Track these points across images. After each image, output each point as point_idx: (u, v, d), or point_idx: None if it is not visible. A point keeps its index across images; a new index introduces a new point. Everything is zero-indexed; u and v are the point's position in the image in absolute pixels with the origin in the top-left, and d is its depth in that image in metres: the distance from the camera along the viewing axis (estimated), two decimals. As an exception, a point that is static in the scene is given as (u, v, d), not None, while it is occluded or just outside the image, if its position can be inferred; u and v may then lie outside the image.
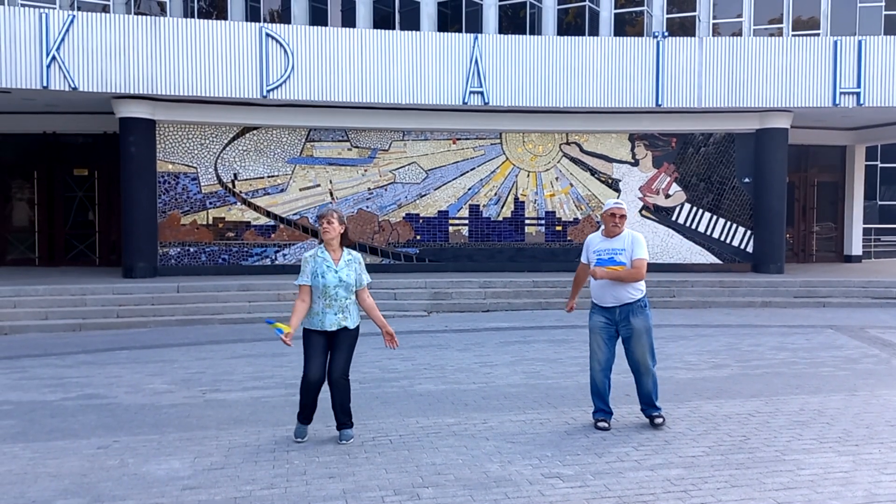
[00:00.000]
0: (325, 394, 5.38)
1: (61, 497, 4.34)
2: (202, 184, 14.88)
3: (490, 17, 19.51)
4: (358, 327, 5.38)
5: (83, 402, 6.66)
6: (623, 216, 5.63)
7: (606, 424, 5.63)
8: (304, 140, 15.29)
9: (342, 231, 5.26)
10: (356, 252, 5.42)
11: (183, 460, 4.97)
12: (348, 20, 18.96)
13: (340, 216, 5.28)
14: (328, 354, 5.32)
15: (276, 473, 4.71)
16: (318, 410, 5.72)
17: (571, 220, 16.14)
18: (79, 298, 12.32)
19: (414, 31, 15.70)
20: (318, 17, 18.70)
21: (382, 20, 19.05)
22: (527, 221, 16.09)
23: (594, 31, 19.68)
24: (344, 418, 5.40)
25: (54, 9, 13.13)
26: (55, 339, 10.59)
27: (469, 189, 15.86)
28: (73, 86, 13.08)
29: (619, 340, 5.77)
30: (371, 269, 15.97)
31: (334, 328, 5.24)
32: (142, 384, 7.37)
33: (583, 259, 5.90)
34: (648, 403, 5.76)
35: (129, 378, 7.68)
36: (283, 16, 18.70)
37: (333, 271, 5.19)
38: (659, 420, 5.68)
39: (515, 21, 19.69)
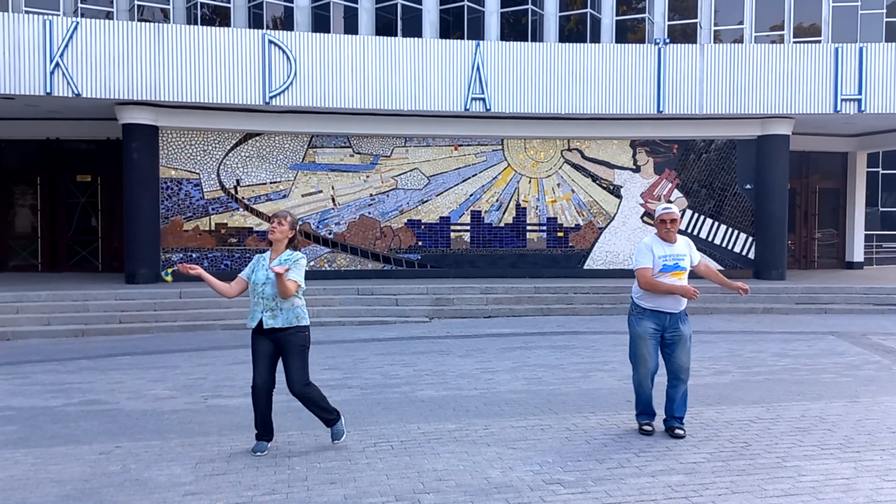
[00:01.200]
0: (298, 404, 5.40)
1: (63, 503, 4.35)
2: (205, 190, 14.91)
3: (492, 24, 19.58)
4: (301, 330, 5.27)
5: (85, 407, 6.67)
6: (674, 220, 5.62)
7: (651, 427, 5.68)
8: (306, 146, 15.33)
9: (291, 235, 5.32)
10: (299, 254, 5.35)
11: (185, 466, 4.98)
12: (351, 27, 19.03)
13: (293, 221, 5.35)
14: (273, 361, 5.32)
15: (277, 479, 4.72)
16: (312, 418, 5.73)
17: (573, 226, 16.14)
18: (81, 304, 12.34)
19: (416, 38, 15.74)
20: (320, 24, 18.77)
21: (384, 27, 19.12)
22: (528, 227, 16.10)
23: (596, 38, 19.74)
24: (326, 416, 5.39)
25: (58, 15, 13.23)
26: (57, 345, 10.60)
27: (471, 195, 15.88)
28: (76, 92, 13.13)
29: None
30: (373, 275, 16.02)
31: (263, 326, 5.24)
32: (143, 390, 7.38)
33: (646, 263, 5.61)
34: (675, 415, 5.69)
35: (130, 384, 7.69)
36: (286, 23, 18.77)
37: (264, 269, 5.26)
38: (680, 432, 5.60)
39: (517, 28, 19.75)
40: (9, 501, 4.37)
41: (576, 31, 19.89)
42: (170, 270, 5.44)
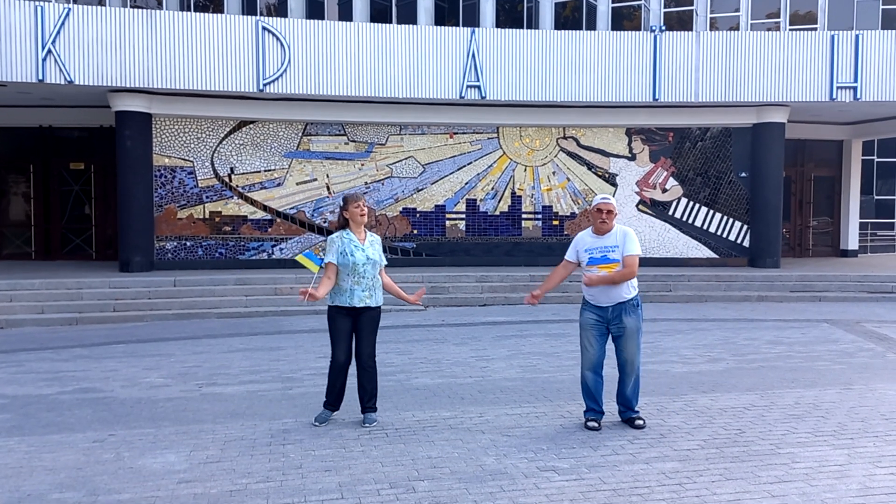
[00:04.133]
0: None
1: (57, 490, 4.34)
2: (199, 178, 14.84)
3: (487, 10, 19.48)
4: (380, 308, 5.62)
5: (79, 395, 6.66)
6: (610, 212, 5.44)
7: (596, 425, 5.49)
8: (300, 134, 15.26)
9: None
10: (376, 235, 5.78)
11: (179, 454, 4.98)
12: (345, 14, 18.92)
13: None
14: (353, 337, 5.57)
15: (272, 467, 4.71)
16: (314, 404, 5.74)
17: (568, 214, 16.13)
18: (75, 292, 12.30)
19: (411, 25, 15.65)
20: (314, 10, 18.66)
21: (379, 14, 19.02)
22: (524, 216, 16.08)
23: (591, 26, 19.66)
24: (371, 402, 5.64)
25: (50, 1, 13.11)
26: (51, 333, 10.57)
27: (466, 183, 15.85)
28: (68, 79, 13.03)
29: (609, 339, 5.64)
30: (368, 263, 15.83)
31: (361, 305, 5.48)
32: (138, 378, 7.37)
33: (569, 257, 5.65)
34: (626, 406, 5.62)
35: (125, 372, 7.67)
36: (280, 9, 18.66)
37: (361, 249, 5.46)
38: (640, 422, 5.52)
39: (513, 15, 19.65)
40: (2, 489, 4.36)
41: (571, 18, 19.80)
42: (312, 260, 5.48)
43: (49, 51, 12.87)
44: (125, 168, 14.12)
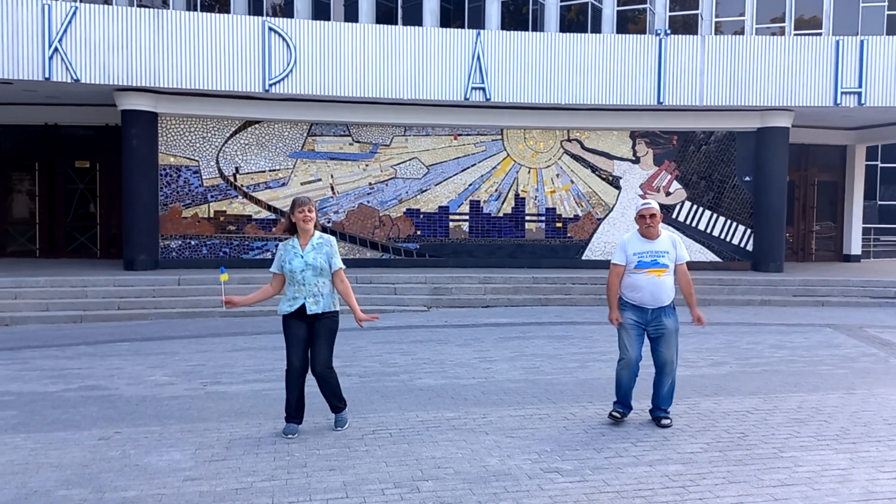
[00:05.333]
0: (314, 387, 5.43)
1: (63, 487, 4.36)
2: (204, 177, 14.89)
3: (492, 13, 19.51)
4: (334, 315, 5.39)
5: (84, 393, 6.69)
6: (654, 215, 5.59)
7: (620, 416, 5.66)
8: (305, 134, 15.29)
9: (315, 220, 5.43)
10: (329, 235, 5.45)
11: (184, 452, 5.00)
12: (351, 15, 18.97)
13: (315, 206, 5.45)
14: (308, 344, 5.40)
15: (276, 465, 4.74)
16: (318, 403, 5.76)
17: (572, 216, 16.14)
18: (80, 290, 12.34)
19: (416, 27, 15.68)
20: (320, 11, 18.71)
21: (385, 15, 19.07)
22: (527, 218, 16.10)
23: (596, 29, 19.69)
24: (336, 402, 5.51)
25: (57, 0, 13.15)
26: (56, 331, 10.61)
27: (470, 185, 15.87)
28: (75, 77, 13.08)
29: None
30: (371, 263, 16.00)
31: (310, 312, 5.30)
32: (143, 376, 7.40)
33: (618, 260, 5.71)
34: (659, 406, 5.74)
35: (130, 370, 7.70)
36: (286, 10, 18.71)
37: (300, 257, 5.30)
38: (666, 422, 5.65)
39: (518, 17, 19.69)
40: (9, 486, 4.38)
41: (577, 21, 19.84)
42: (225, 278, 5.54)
43: (56, 49, 12.92)
44: (130, 167, 14.16)
